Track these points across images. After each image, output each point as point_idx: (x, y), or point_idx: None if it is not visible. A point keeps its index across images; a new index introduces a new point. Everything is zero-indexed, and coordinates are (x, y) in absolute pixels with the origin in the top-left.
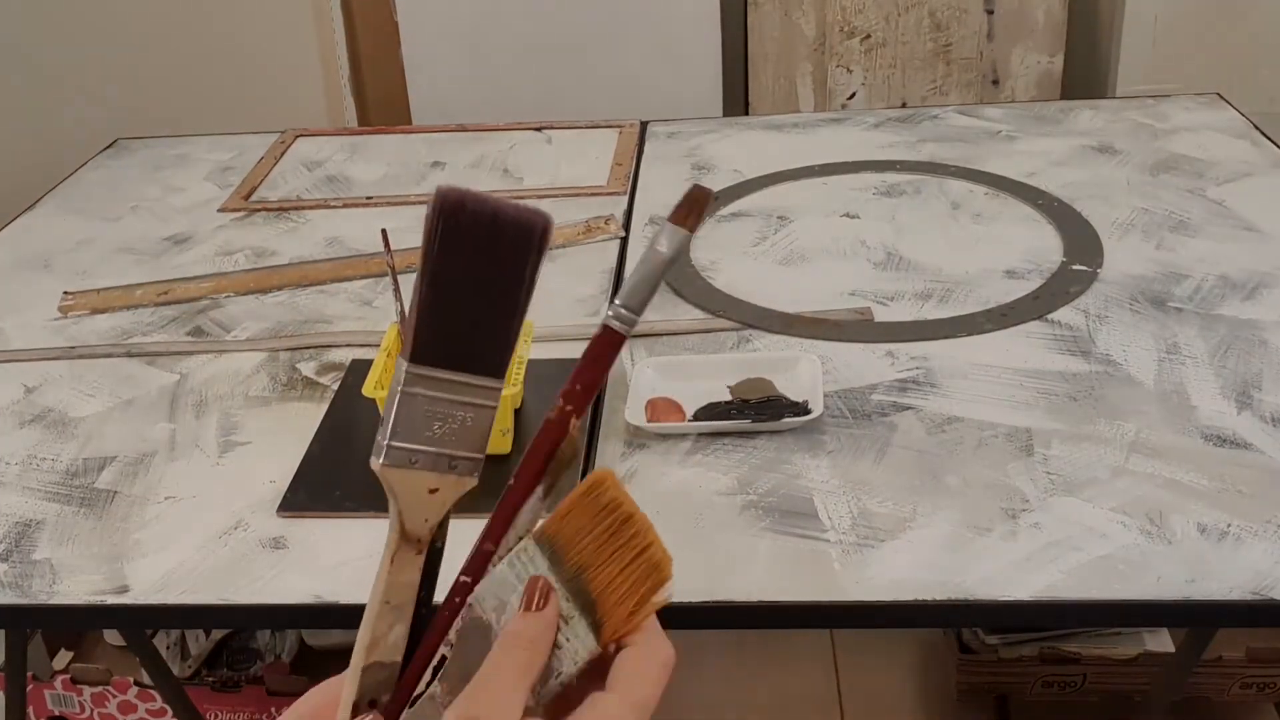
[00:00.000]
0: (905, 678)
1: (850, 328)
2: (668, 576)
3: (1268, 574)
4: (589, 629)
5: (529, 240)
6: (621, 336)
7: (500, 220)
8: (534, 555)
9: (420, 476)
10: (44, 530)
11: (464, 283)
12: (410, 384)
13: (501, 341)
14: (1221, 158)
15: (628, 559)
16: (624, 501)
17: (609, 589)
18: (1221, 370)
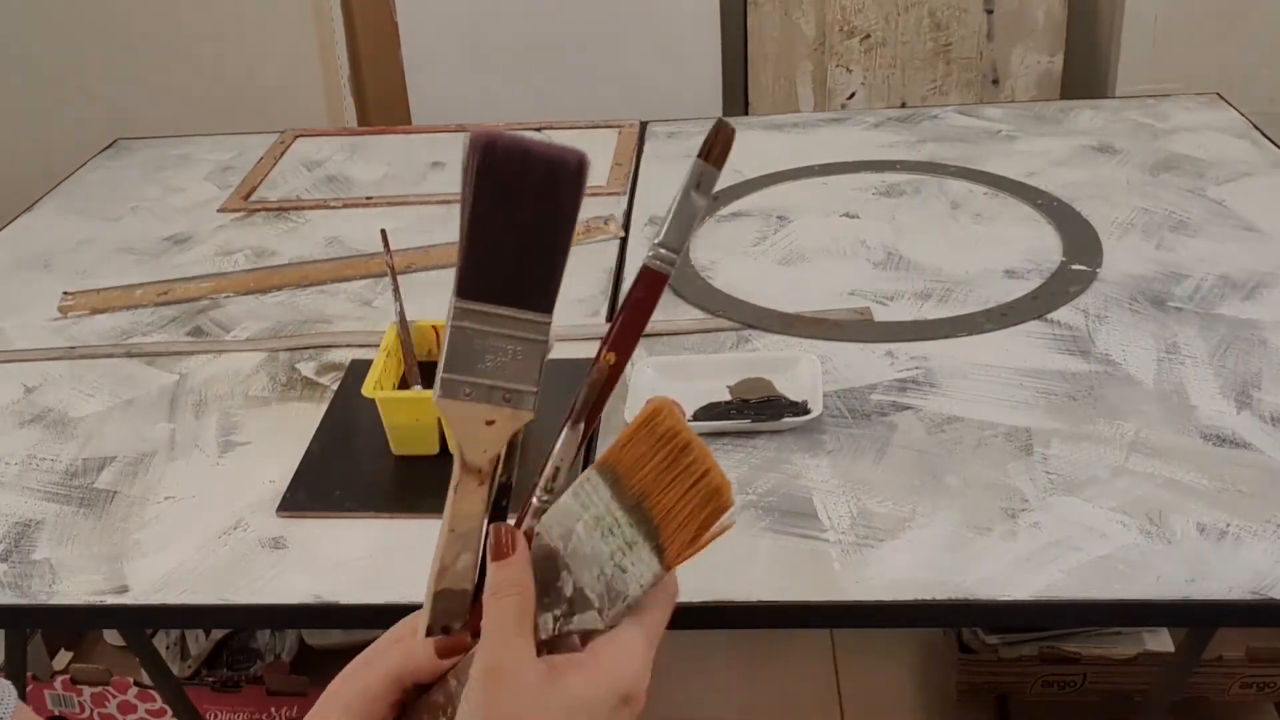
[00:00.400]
0: (905, 678)
1: (850, 328)
2: (728, 503)
3: (1267, 574)
4: (652, 553)
5: (564, 174)
6: (664, 277)
7: (532, 158)
8: (596, 484)
9: (475, 408)
10: (44, 530)
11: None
12: (459, 318)
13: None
14: (1221, 158)
15: (687, 485)
16: (681, 430)
17: (670, 515)
18: (1221, 370)
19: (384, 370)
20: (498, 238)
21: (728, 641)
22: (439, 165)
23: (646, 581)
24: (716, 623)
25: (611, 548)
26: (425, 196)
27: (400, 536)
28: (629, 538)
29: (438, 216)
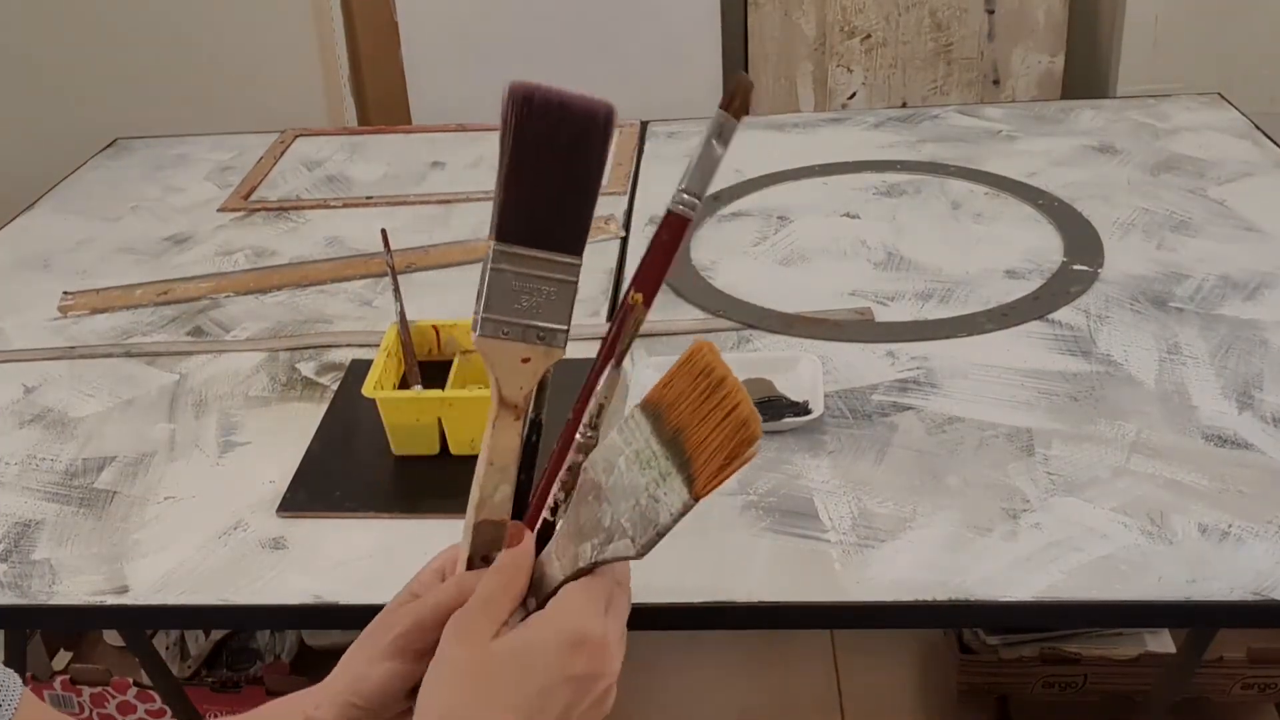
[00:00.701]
0: (905, 678)
1: (850, 328)
2: (755, 434)
3: (1268, 574)
4: (684, 484)
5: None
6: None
7: (567, 108)
8: (639, 421)
9: (512, 347)
10: (43, 530)
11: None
12: (498, 260)
13: (576, 220)
14: (1222, 158)
15: (719, 418)
16: (717, 366)
17: (701, 447)
18: (1222, 370)
19: (384, 370)
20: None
21: (728, 641)
22: (439, 165)
23: (676, 510)
24: (716, 623)
25: (647, 479)
26: (425, 196)
27: (400, 536)
28: (664, 469)
29: (438, 216)
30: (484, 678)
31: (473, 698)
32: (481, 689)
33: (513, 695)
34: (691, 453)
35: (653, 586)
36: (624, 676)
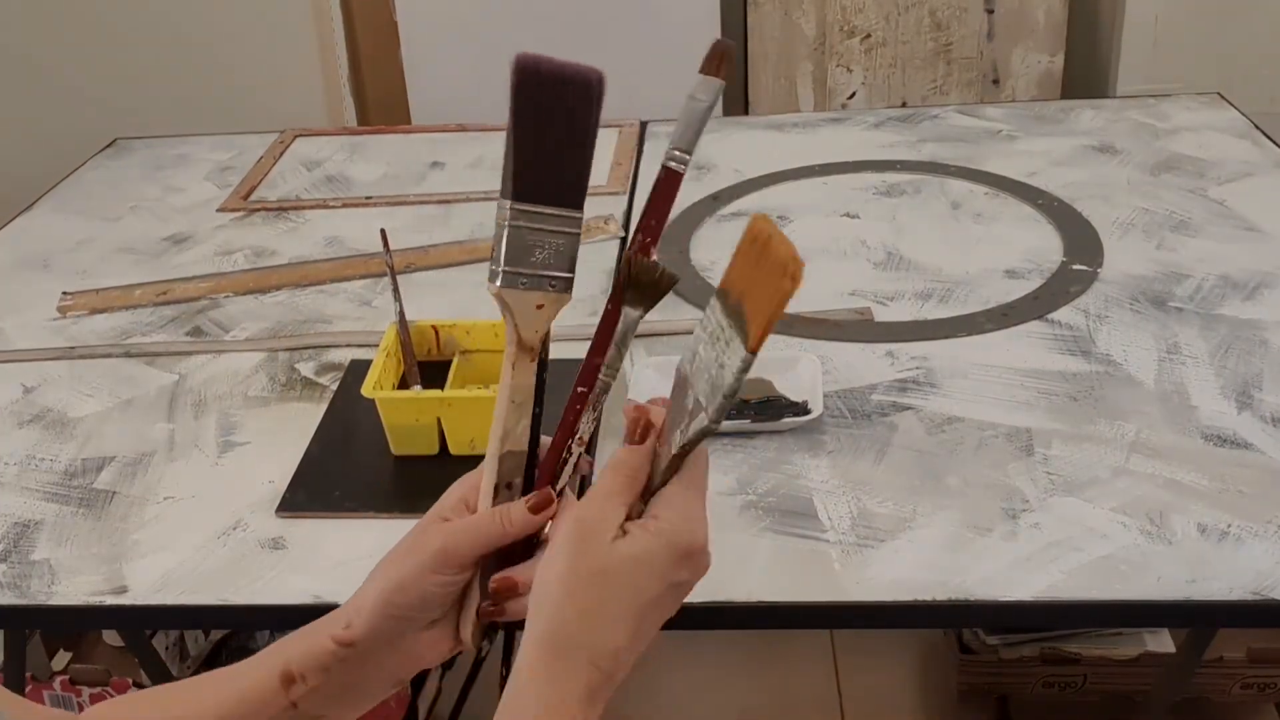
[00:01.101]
0: (905, 678)
1: (850, 328)
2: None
3: (1268, 574)
4: (740, 342)
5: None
6: (680, 175)
7: (567, 74)
8: (713, 305)
9: (529, 295)
10: (43, 531)
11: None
12: (515, 219)
13: (577, 177)
14: (1222, 157)
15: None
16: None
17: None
18: (1222, 370)
19: (384, 370)
20: (540, 147)
21: (728, 641)
22: (438, 165)
23: (738, 369)
24: (716, 623)
25: (716, 351)
26: (425, 196)
27: (400, 536)
28: (728, 338)
29: (437, 216)
30: (604, 586)
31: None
32: (601, 597)
33: (628, 604)
34: (748, 314)
35: None
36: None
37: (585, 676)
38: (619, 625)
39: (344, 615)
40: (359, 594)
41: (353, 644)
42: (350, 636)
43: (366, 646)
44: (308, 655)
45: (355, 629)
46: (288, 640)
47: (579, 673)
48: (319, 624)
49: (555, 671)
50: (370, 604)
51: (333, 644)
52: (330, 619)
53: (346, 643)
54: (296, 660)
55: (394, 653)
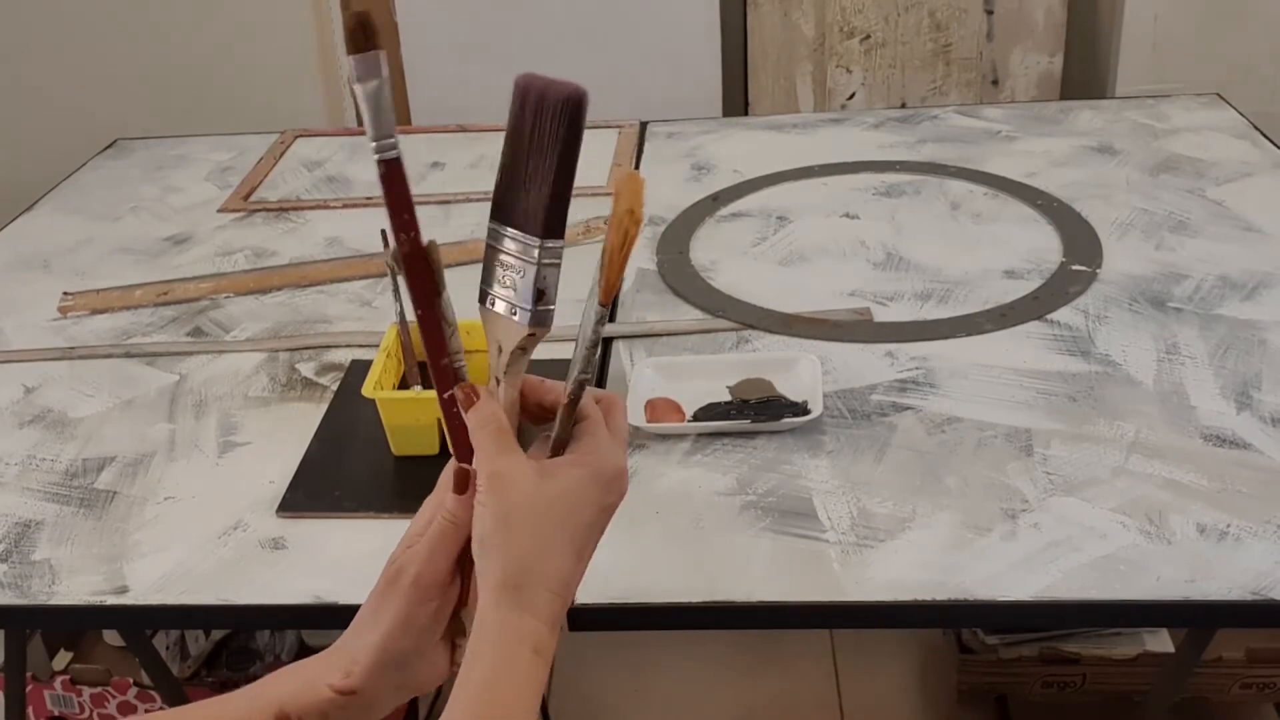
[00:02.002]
0: (905, 678)
1: (850, 328)
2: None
3: (1267, 574)
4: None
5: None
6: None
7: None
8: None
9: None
10: (43, 531)
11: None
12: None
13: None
14: (1221, 158)
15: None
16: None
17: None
18: (1221, 370)
19: (384, 370)
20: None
21: (728, 641)
22: (438, 165)
23: (594, 321)
24: (716, 623)
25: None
26: (425, 196)
27: (400, 536)
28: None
29: (437, 216)
30: (541, 521)
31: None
32: (542, 532)
33: (568, 532)
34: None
35: (653, 587)
36: (624, 676)
37: (545, 606)
38: (565, 552)
39: (341, 662)
40: (352, 639)
41: (354, 692)
42: (351, 685)
43: (368, 694)
44: (306, 703)
45: (355, 678)
46: (277, 680)
47: (540, 603)
48: (312, 668)
49: (520, 605)
50: (368, 653)
51: (331, 693)
52: (325, 664)
53: (348, 691)
54: (294, 704)
55: (395, 689)
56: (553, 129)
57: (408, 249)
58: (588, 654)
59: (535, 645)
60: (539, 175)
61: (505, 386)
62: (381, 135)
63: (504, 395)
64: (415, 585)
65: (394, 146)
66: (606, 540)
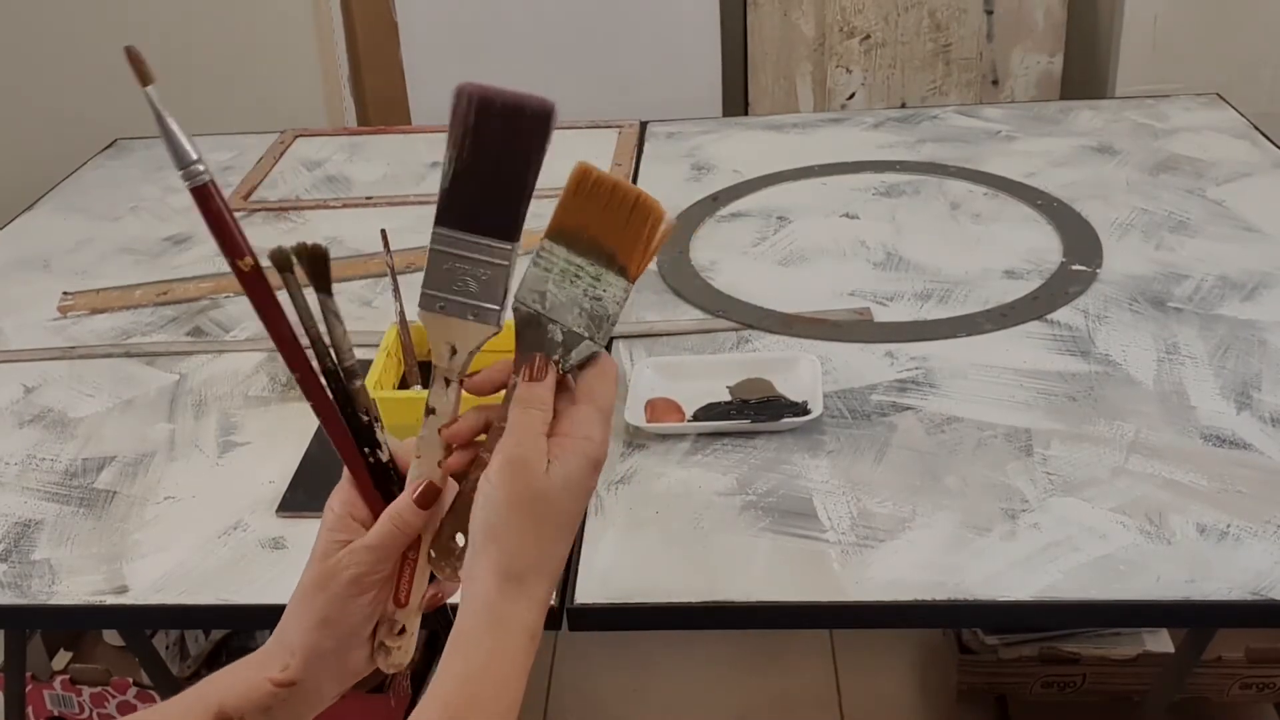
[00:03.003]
0: (905, 678)
1: (850, 328)
2: (662, 213)
3: (1267, 574)
4: (618, 275)
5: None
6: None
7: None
8: (552, 248)
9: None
10: (43, 530)
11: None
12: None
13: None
14: (1221, 158)
15: (626, 214)
16: (606, 176)
17: (622, 241)
18: (1221, 370)
19: (384, 370)
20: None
21: (728, 641)
22: (438, 165)
23: (621, 298)
24: (716, 623)
25: (582, 288)
26: (425, 196)
27: None
28: (594, 274)
29: None
30: (546, 509)
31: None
32: (545, 519)
33: (564, 519)
34: (614, 250)
35: (653, 587)
36: (624, 676)
37: (544, 593)
38: (562, 539)
39: (278, 656)
40: (286, 633)
41: (293, 683)
42: (289, 677)
43: (308, 684)
44: (245, 698)
45: (293, 670)
46: (214, 681)
47: (540, 592)
48: (249, 664)
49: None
50: (303, 644)
51: (272, 686)
52: (261, 660)
53: (288, 683)
54: (233, 703)
55: (336, 677)
56: (526, 140)
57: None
58: (588, 654)
59: (532, 632)
60: (510, 183)
61: (455, 386)
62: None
63: (453, 397)
64: (355, 583)
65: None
66: (607, 540)
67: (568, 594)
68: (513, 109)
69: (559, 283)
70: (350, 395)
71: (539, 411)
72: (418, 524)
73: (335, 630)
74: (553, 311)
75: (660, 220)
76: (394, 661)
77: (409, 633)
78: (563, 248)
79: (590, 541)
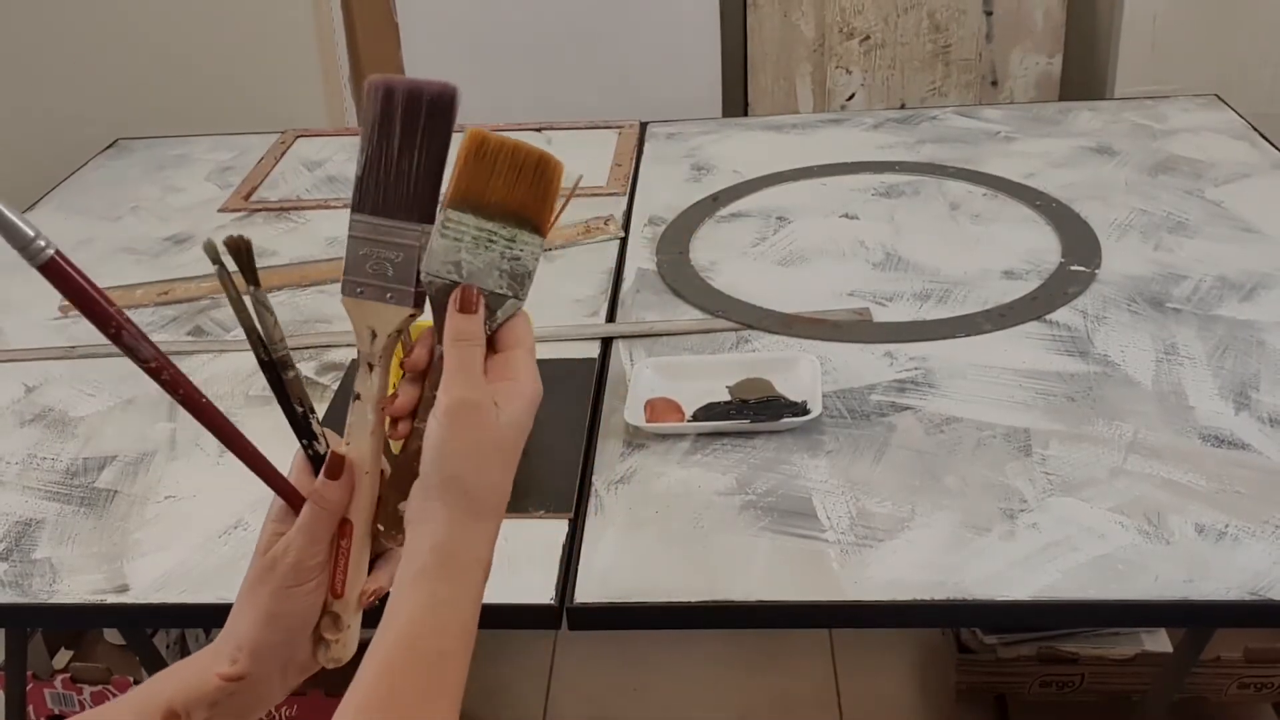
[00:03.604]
0: (904, 678)
1: (849, 328)
2: (560, 165)
3: (1265, 574)
4: (531, 233)
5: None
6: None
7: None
8: (459, 218)
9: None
10: (44, 529)
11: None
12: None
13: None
14: (1220, 159)
15: (530, 175)
16: (501, 140)
17: (530, 200)
18: (1219, 371)
19: None
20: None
21: (727, 641)
22: None
23: (537, 253)
24: (716, 623)
25: (498, 250)
26: None
27: None
28: (509, 235)
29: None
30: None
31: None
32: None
33: (510, 457)
34: (525, 208)
35: (652, 586)
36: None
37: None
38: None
39: (226, 651)
40: (234, 627)
41: (241, 678)
42: (238, 671)
43: (256, 679)
44: (193, 694)
45: (241, 664)
46: (164, 679)
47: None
48: (197, 660)
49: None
50: (250, 638)
51: (221, 680)
52: (210, 656)
53: (235, 677)
54: (181, 699)
55: (283, 672)
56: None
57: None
58: (588, 654)
59: (486, 566)
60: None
61: (379, 371)
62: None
63: (377, 381)
64: (295, 569)
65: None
66: (606, 540)
67: (568, 594)
68: (413, 95)
69: (472, 249)
70: (285, 386)
71: (477, 348)
72: (336, 499)
73: (281, 624)
74: (471, 279)
75: (560, 171)
76: (333, 656)
77: (349, 627)
78: (470, 215)
79: (590, 541)
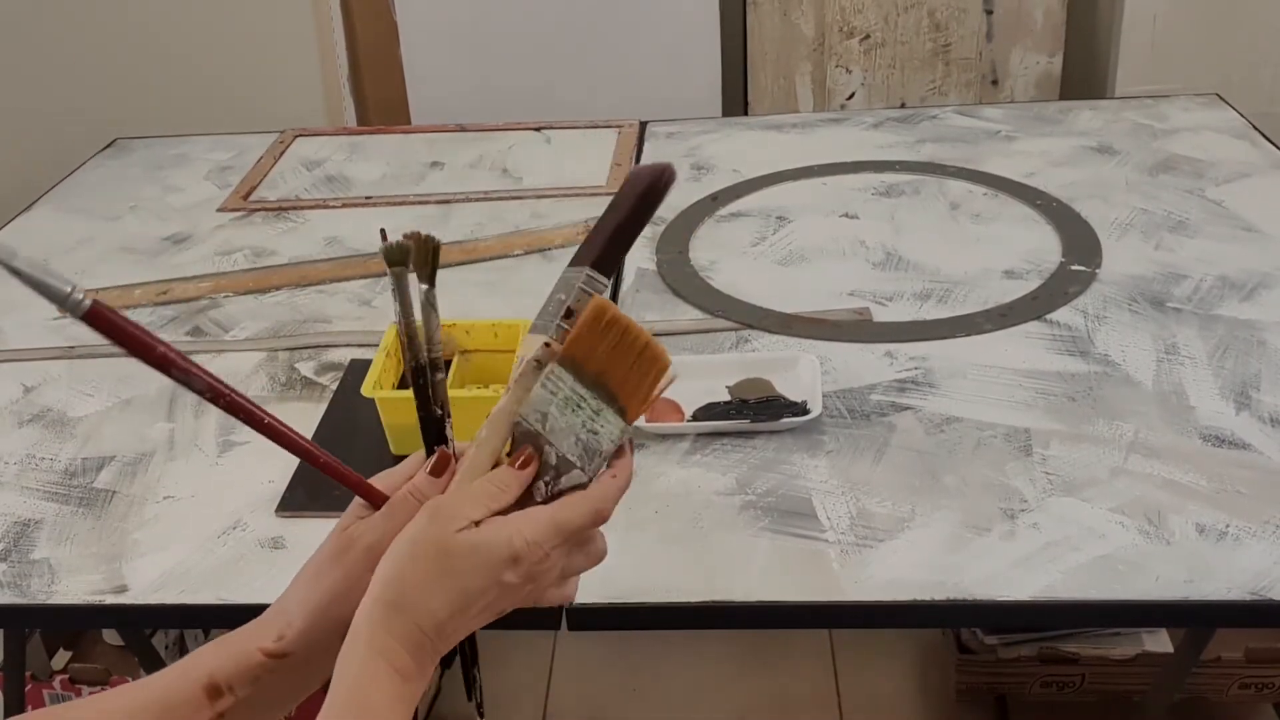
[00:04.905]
0: (904, 678)
1: (849, 328)
2: (667, 363)
3: (1266, 574)
4: (616, 414)
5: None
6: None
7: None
8: (561, 374)
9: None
10: (43, 530)
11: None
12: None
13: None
14: (1220, 158)
15: (633, 358)
16: (621, 317)
17: (625, 383)
18: (1220, 371)
19: (384, 370)
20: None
21: (727, 641)
22: (438, 165)
23: (615, 437)
24: (716, 623)
25: (582, 418)
26: (424, 196)
27: None
28: (595, 408)
29: (436, 216)
30: (440, 562)
31: (426, 576)
32: (435, 570)
33: (455, 584)
34: (617, 389)
35: (652, 587)
36: (624, 676)
37: (412, 634)
38: (445, 600)
39: (273, 626)
40: (286, 603)
41: (286, 655)
42: (283, 648)
43: (301, 657)
44: (236, 667)
45: (288, 641)
46: (207, 651)
47: (407, 628)
48: (243, 634)
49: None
50: (303, 616)
51: (263, 656)
52: (257, 629)
53: (279, 654)
54: (223, 672)
55: (328, 655)
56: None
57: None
58: (588, 654)
59: (395, 664)
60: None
61: (507, 396)
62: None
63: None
64: (369, 552)
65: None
66: (606, 540)
67: None
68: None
69: (562, 408)
70: (433, 388)
71: (496, 489)
72: (430, 494)
73: (341, 608)
74: (551, 434)
75: (664, 371)
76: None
77: None
78: (570, 376)
79: None
